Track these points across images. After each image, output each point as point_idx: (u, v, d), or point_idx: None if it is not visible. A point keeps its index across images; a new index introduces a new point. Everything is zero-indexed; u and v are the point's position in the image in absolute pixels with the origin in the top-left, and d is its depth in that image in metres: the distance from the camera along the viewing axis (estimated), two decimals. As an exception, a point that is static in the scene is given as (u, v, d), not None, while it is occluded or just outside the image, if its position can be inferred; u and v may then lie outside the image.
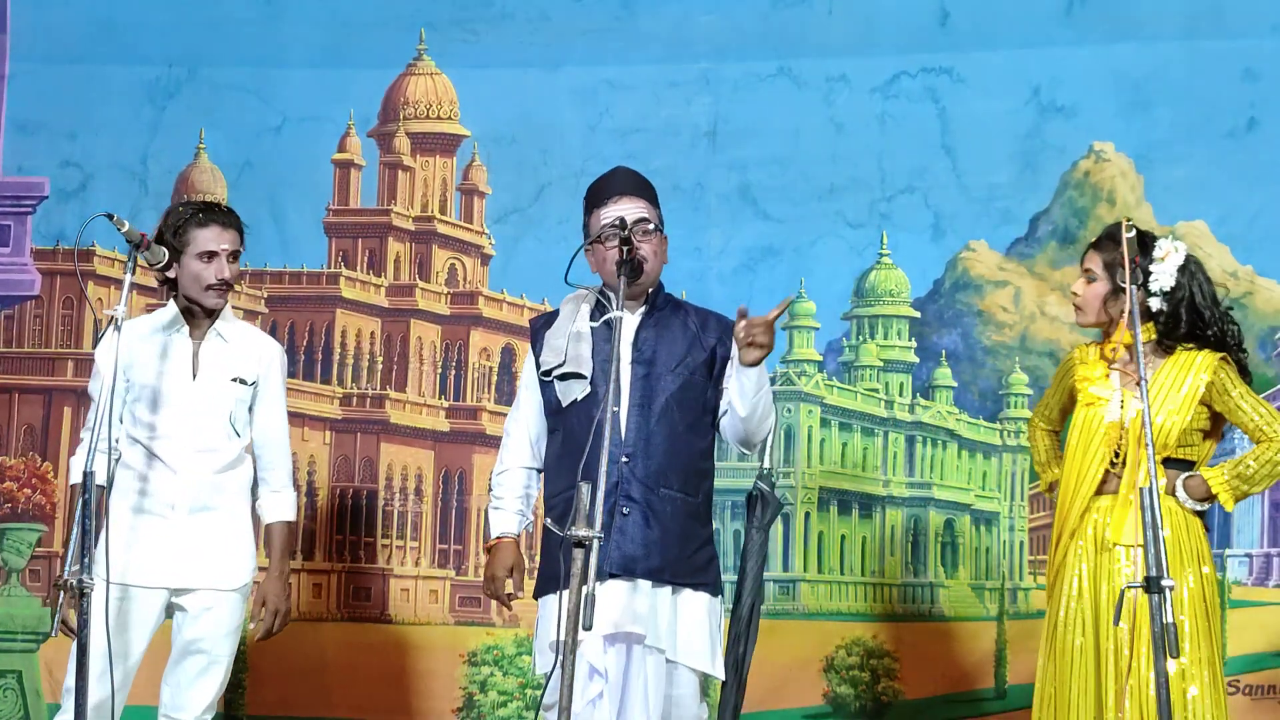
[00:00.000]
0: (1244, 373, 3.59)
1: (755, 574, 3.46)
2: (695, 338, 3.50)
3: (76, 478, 3.65)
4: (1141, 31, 4.97)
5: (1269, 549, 4.93)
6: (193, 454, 3.61)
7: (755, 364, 3.36)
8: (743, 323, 3.34)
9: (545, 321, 3.56)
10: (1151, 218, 4.95)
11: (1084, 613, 3.52)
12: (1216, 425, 3.62)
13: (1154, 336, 3.53)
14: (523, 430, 3.54)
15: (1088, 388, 3.57)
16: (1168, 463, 3.49)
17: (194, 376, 3.64)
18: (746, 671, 3.47)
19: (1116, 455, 3.52)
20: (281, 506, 3.76)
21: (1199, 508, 3.55)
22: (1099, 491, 3.55)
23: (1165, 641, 2.94)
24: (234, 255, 3.66)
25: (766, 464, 3.45)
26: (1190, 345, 3.55)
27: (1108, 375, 3.58)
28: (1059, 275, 4.91)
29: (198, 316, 3.67)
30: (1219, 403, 3.55)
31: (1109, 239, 3.55)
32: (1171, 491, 3.51)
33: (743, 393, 3.40)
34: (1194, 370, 3.51)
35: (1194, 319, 3.52)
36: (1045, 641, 3.61)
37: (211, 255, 3.61)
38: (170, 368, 3.62)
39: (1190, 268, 3.54)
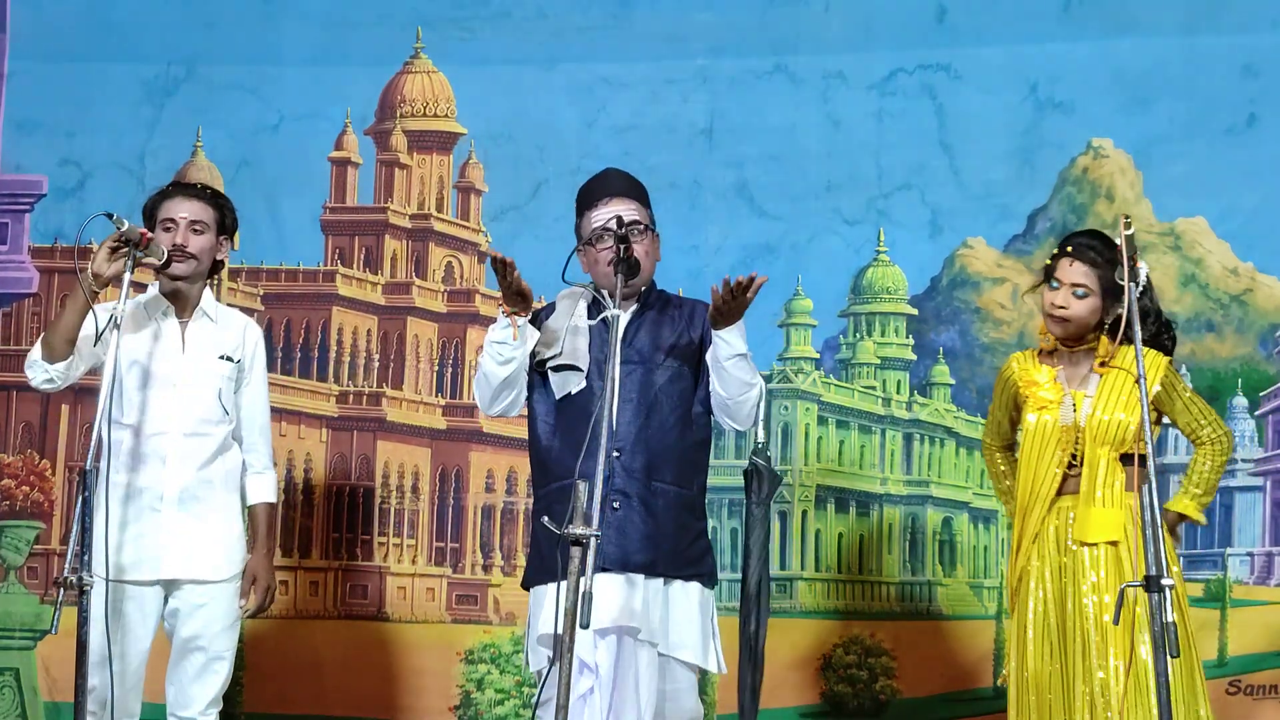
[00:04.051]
0: None
1: (760, 548, 3.45)
2: (683, 328, 3.53)
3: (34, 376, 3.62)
4: (1140, 27, 4.95)
5: (1270, 548, 4.91)
6: (183, 440, 3.61)
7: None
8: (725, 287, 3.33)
9: (540, 314, 3.58)
10: (1151, 214, 4.94)
11: (1050, 616, 3.51)
12: (1158, 420, 3.70)
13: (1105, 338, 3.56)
14: None
15: (1036, 393, 3.58)
16: (1125, 459, 3.50)
17: (183, 352, 3.65)
18: (762, 648, 3.45)
19: (1074, 458, 3.52)
20: (264, 488, 3.78)
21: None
22: (1058, 494, 3.55)
23: (1165, 641, 2.93)
24: (199, 226, 3.64)
25: (761, 438, 3.45)
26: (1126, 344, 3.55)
27: (1054, 379, 3.59)
28: (1057, 273, 4.89)
29: (182, 298, 3.68)
30: (1167, 404, 3.62)
31: (1090, 249, 3.54)
32: (1131, 488, 3.54)
33: (714, 361, 3.42)
34: (1146, 368, 3.50)
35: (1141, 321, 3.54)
36: (1015, 648, 3.59)
37: (170, 223, 3.62)
38: (159, 348, 3.64)
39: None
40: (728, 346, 3.39)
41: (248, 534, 3.78)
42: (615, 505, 3.35)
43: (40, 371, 3.60)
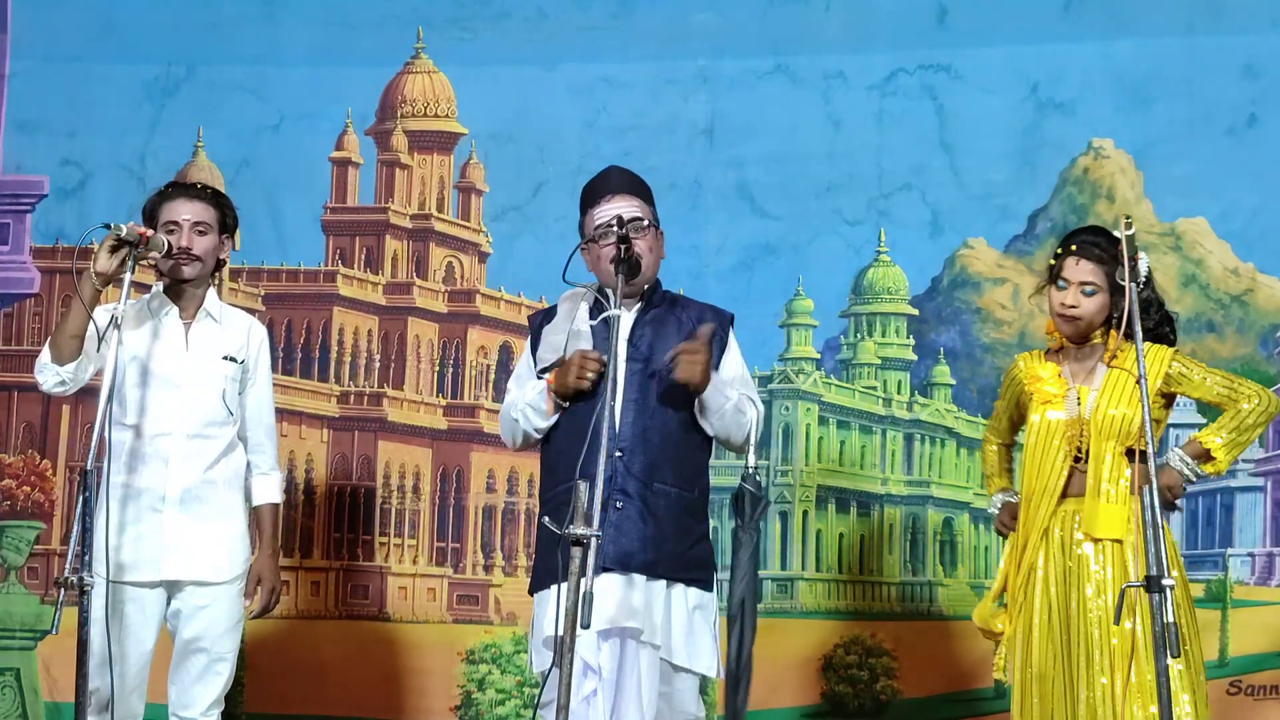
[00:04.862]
0: None
1: (746, 570, 3.43)
2: (689, 333, 3.51)
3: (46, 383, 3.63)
4: (1140, 27, 4.95)
5: (1271, 548, 4.91)
6: (186, 441, 3.60)
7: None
8: (684, 345, 3.35)
9: (544, 318, 3.57)
10: (1151, 214, 4.95)
11: (1055, 619, 3.51)
12: (1166, 413, 3.68)
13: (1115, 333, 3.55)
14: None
15: (1041, 388, 3.57)
16: (1130, 454, 3.49)
17: (186, 351, 3.64)
18: (745, 666, 3.41)
19: (1079, 453, 3.52)
20: (270, 489, 3.77)
21: (1196, 474, 3.54)
22: (1064, 493, 3.54)
23: (1166, 640, 2.92)
24: (202, 228, 3.63)
25: (752, 463, 3.44)
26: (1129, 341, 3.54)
27: (1058, 374, 3.58)
28: (1058, 272, 4.89)
29: (186, 298, 3.67)
30: (1186, 388, 3.58)
31: (1094, 246, 3.53)
32: (1143, 484, 3.51)
33: (699, 408, 3.43)
34: (1148, 364, 3.49)
35: (1144, 314, 3.52)
36: (1020, 648, 3.58)
37: (174, 225, 3.61)
38: (161, 347, 3.62)
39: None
40: (708, 405, 3.41)
41: (251, 534, 3.78)
42: (618, 505, 3.35)
43: (51, 375, 3.59)
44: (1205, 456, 3.56)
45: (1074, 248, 3.55)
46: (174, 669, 3.62)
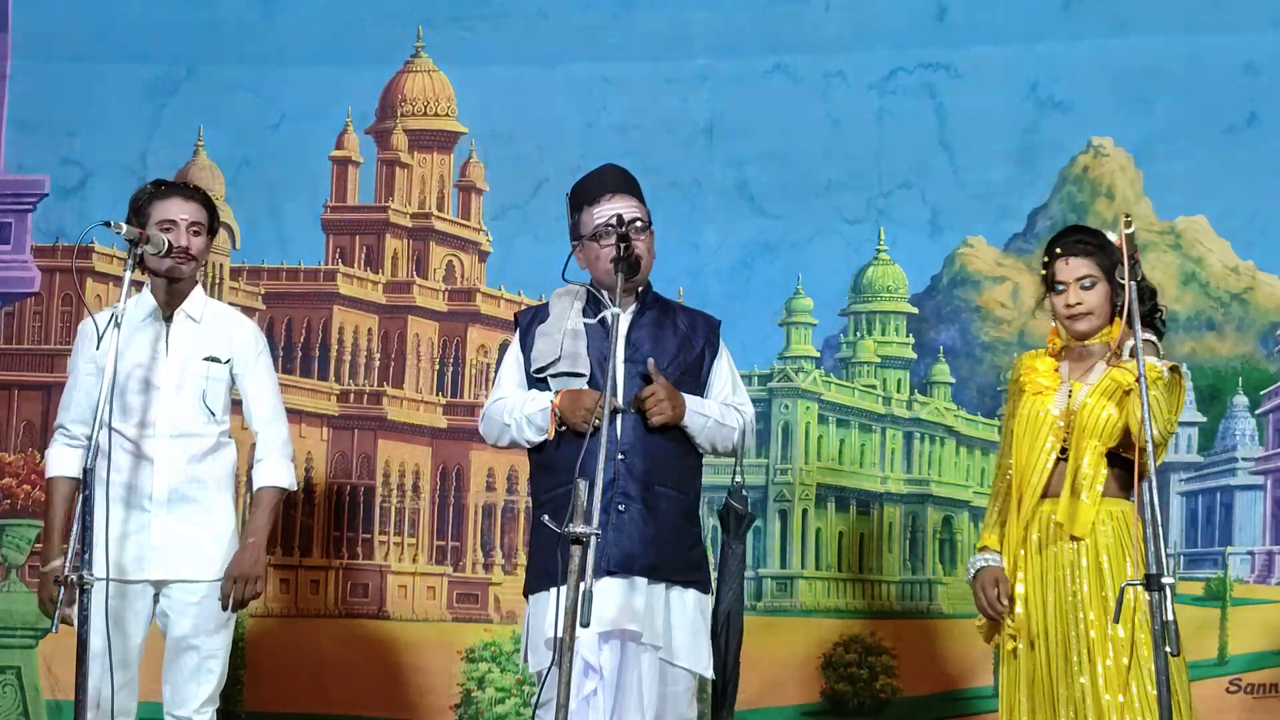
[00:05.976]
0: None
1: (734, 581, 3.48)
2: (685, 338, 3.52)
3: (53, 470, 3.66)
4: (1140, 26, 4.95)
5: (1270, 546, 4.91)
6: (169, 441, 3.59)
7: (663, 427, 3.39)
8: (645, 391, 3.36)
9: (534, 316, 3.55)
10: (1151, 213, 4.95)
11: (1035, 615, 3.49)
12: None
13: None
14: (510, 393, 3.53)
15: (1034, 379, 3.54)
16: (1114, 461, 3.46)
17: (166, 353, 3.63)
18: (731, 676, 3.45)
19: (1065, 450, 3.50)
20: (271, 472, 3.69)
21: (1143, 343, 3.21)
22: (1046, 491, 3.49)
23: (1165, 638, 2.93)
24: (197, 228, 3.63)
25: (739, 478, 3.46)
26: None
27: (1055, 368, 3.57)
28: (1057, 271, 4.89)
29: (172, 299, 3.66)
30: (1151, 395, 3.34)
31: (1078, 244, 3.50)
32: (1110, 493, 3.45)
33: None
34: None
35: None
36: (1005, 649, 3.58)
37: (169, 224, 3.59)
38: (147, 349, 3.62)
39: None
40: (690, 430, 3.43)
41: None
42: (620, 508, 3.35)
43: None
44: (1154, 355, 3.39)
45: (1059, 250, 3.53)
46: (167, 667, 3.62)
